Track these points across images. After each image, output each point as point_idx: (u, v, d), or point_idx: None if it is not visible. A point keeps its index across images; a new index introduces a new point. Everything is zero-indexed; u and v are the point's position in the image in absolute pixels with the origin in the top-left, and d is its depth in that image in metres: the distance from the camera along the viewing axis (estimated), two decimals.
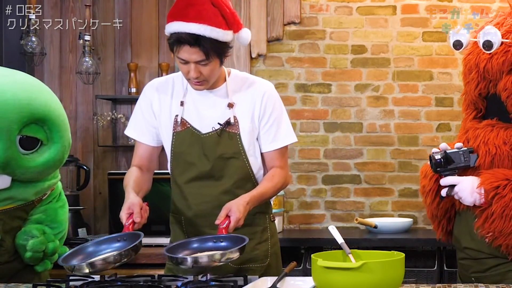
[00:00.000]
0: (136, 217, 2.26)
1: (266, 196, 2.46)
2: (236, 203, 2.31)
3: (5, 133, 2.30)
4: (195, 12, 2.27)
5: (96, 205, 4.36)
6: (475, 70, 2.27)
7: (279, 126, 2.50)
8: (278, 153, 2.51)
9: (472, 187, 2.17)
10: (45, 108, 2.44)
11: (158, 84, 2.54)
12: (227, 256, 2.11)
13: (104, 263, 2.09)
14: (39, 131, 2.42)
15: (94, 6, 4.34)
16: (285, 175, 2.53)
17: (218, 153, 2.44)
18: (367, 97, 4.37)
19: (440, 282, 3.79)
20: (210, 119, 2.45)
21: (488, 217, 2.16)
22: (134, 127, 2.57)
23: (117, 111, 4.34)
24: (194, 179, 2.46)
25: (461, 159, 2.20)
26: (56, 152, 2.46)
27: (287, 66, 4.39)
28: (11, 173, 2.36)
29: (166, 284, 2.14)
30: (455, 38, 2.27)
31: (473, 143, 2.26)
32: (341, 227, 4.29)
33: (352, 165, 4.39)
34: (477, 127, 2.29)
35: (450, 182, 2.21)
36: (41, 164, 2.42)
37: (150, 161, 2.57)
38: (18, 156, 2.35)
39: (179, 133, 2.46)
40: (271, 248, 2.55)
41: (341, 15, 4.37)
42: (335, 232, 2.14)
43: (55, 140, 2.46)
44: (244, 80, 2.51)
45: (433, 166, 2.23)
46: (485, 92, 2.28)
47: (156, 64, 4.36)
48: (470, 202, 2.19)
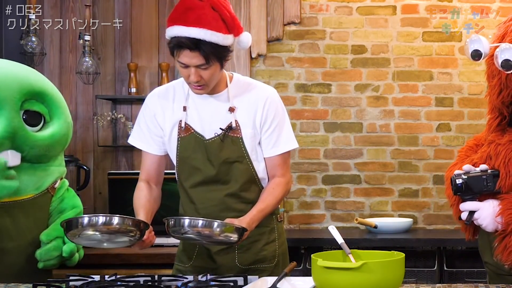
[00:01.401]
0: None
1: (267, 211, 2.47)
2: (238, 221, 2.32)
3: (9, 103, 2.39)
4: (195, 16, 2.27)
5: (96, 205, 4.36)
6: (498, 77, 2.13)
7: (280, 132, 2.50)
8: (279, 158, 2.51)
9: (493, 216, 2.09)
10: (43, 84, 2.55)
11: (159, 93, 2.54)
12: (224, 231, 2.13)
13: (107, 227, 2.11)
14: (41, 106, 2.51)
15: (94, 6, 4.34)
16: (286, 183, 2.53)
17: (222, 158, 2.44)
18: (367, 97, 4.37)
19: (440, 282, 3.79)
20: (213, 124, 2.45)
21: (507, 247, 2.10)
22: (139, 137, 2.55)
23: (117, 111, 4.34)
24: (200, 184, 2.47)
25: (483, 185, 2.10)
26: (60, 127, 2.55)
27: (287, 66, 4.39)
28: (20, 147, 2.43)
29: (166, 284, 2.15)
30: (473, 47, 2.04)
31: (495, 162, 2.16)
32: (341, 227, 4.29)
33: (352, 165, 4.39)
34: (499, 142, 2.18)
35: (469, 208, 2.12)
36: (48, 137, 2.50)
37: (158, 174, 2.56)
38: (24, 129, 2.44)
39: (183, 138, 2.46)
40: (279, 248, 2.56)
41: (341, 15, 4.37)
42: (335, 232, 2.14)
43: (57, 116, 2.56)
44: (247, 85, 2.51)
45: (453, 189, 2.12)
46: (508, 100, 2.14)
47: (156, 64, 4.36)
48: (491, 229, 2.12)
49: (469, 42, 2.04)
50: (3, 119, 2.37)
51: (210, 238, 2.21)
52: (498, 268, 2.22)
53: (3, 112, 2.38)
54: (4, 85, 2.40)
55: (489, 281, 2.36)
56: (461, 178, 2.09)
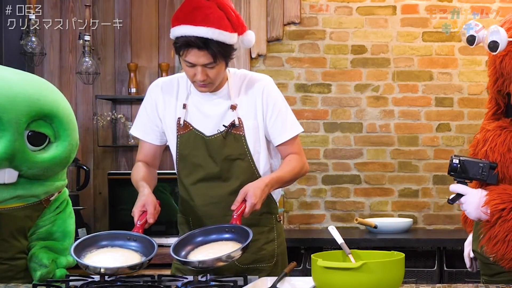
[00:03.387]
0: (149, 218, 2.27)
1: (285, 180, 2.47)
2: (253, 186, 2.32)
3: (14, 125, 2.34)
4: (203, 16, 2.29)
5: (96, 205, 4.36)
6: (493, 66, 2.17)
7: (285, 117, 2.51)
8: (290, 143, 2.52)
9: (478, 204, 2.12)
10: (54, 105, 2.46)
11: (163, 84, 2.55)
12: (231, 256, 2.12)
13: (117, 270, 2.10)
14: (47, 127, 2.45)
15: (94, 6, 4.34)
16: (302, 160, 2.54)
17: (224, 154, 2.45)
18: (367, 97, 4.37)
19: (440, 282, 3.79)
20: (214, 121, 2.45)
21: (492, 238, 2.13)
22: (138, 127, 2.57)
23: (117, 111, 4.34)
24: (201, 180, 2.47)
25: (478, 172, 2.13)
26: (63, 149, 2.48)
27: (287, 66, 4.39)
28: (18, 167, 2.39)
29: (166, 284, 2.15)
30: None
31: (482, 147, 2.20)
32: (341, 227, 4.30)
33: (352, 165, 4.39)
34: (488, 128, 2.23)
35: (458, 191, 2.15)
36: (48, 160, 2.44)
37: (154, 158, 2.59)
38: (25, 150, 2.38)
39: (182, 136, 2.47)
40: (278, 248, 2.56)
41: (341, 15, 4.37)
42: (335, 232, 2.14)
43: (63, 138, 2.48)
44: (243, 77, 2.52)
45: (449, 168, 2.16)
46: (503, 89, 2.18)
47: (156, 64, 4.36)
48: (474, 217, 2.15)
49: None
50: (5, 141, 2.32)
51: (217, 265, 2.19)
52: (484, 257, 2.23)
53: (5, 134, 2.33)
54: (12, 106, 2.33)
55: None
56: (459, 159, 2.14)
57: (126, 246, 2.23)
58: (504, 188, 2.11)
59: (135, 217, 2.29)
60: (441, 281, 3.80)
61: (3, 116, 2.30)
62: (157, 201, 2.35)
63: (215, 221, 2.41)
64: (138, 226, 2.26)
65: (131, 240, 2.24)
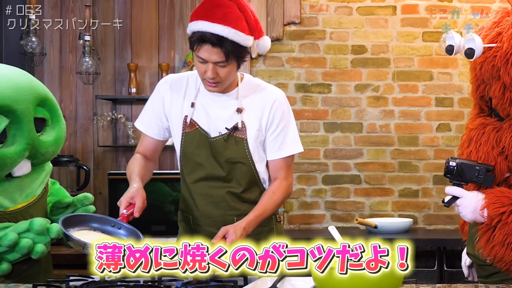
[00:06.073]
0: (136, 212, 2.28)
1: (265, 215, 2.46)
2: (234, 227, 2.32)
3: (26, 115, 2.40)
4: (222, 14, 2.30)
5: (96, 205, 4.33)
6: (474, 73, 2.20)
7: (286, 135, 2.50)
8: (283, 161, 2.51)
9: (475, 207, 2.10)
10: (44, 89, 2.54)
11: (172, 81, 2.55)
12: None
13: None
14: (44, 112, 2.51)
15: (94, 6, 4.34)
16: (288, 186, 2.53)
17: (226, 157, 2.45)
18: (367, 97, 4.38)
19: (440, 282, 3.79)
20: (219, 122, 2.46)
21: (489, 241, 2.11)
22: (143, 120, 2.59)
23: (117, 111, 4.34)
24: (203, 179, 2.48)
25: (474, 175, 2.12)
26: (60, 130, 2.56)
27: (287, 66, 4.39)
28: (34, 155, 2.43)
29: (166, 284, 2.14)
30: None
31: (467, 147, 2.21)
32: (341, 227, 4.30)
33: (352, 165, 4.39)
34: (471, 127, 2.23)
35: (454, 193, 2.14)
36: (54, 142, 2.52)
37: (154, 152, 2.60)
38: (36, 137, 2.45)
39: (188, 134, 2.47)
40: None
41: (341, 15, 4.37)
42: (335, 232, 2.14)
43: (56, 119, 2.56)
44: (256, 86, 2.52)
45: (445, 170, 2.16)
46: (485, 94, 2.19)
47: (156, 64, 4.36)
48: (469, 219, 2.14)
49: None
50: (24, 131, 2.38)
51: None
52: (478, 259, 2.23)
53: (22, 125, 2.38)
54: (21, 97, 2.40)
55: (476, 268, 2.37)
56: (455, 161, 2.14)
57: (115, 233, 2.24)
58: (502, 191, 2.10)
59: (121, 207, 2.30)
60: (441, 281, 3.80)
61: (17, 108, 2.36)
62: (145, 195, 2.35)
63: (214, 220, 2.42)
64: (124, 215, 2.28)
65: (116, 228, 2.25)
